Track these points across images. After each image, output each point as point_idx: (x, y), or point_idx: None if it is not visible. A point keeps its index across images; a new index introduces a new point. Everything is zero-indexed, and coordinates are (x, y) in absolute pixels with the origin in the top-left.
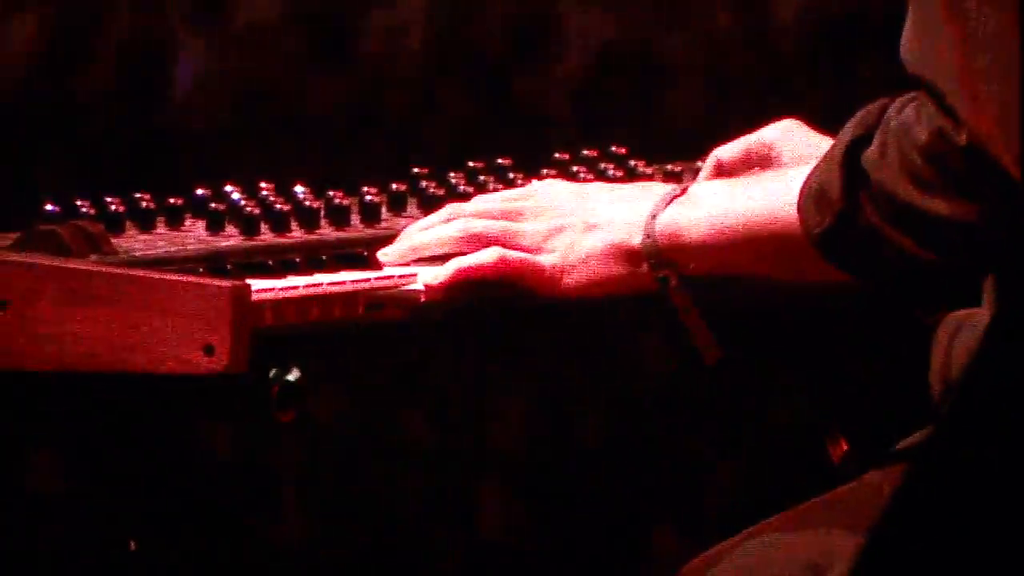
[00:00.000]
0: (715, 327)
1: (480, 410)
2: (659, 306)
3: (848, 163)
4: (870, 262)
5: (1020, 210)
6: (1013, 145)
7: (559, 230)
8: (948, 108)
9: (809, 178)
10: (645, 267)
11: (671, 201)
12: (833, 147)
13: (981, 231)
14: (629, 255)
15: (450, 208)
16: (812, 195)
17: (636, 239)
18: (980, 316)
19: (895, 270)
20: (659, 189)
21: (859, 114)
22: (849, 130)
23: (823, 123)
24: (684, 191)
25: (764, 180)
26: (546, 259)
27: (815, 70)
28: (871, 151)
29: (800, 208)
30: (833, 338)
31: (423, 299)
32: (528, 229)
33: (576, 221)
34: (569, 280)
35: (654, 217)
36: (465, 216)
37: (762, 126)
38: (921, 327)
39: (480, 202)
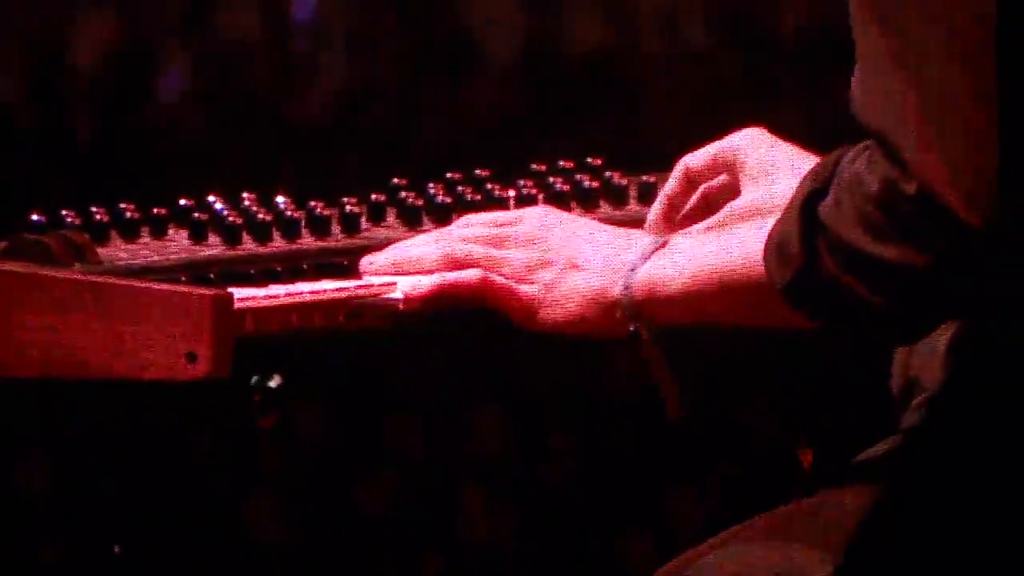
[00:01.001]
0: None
1: (460, 417)
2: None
3: (806, 215)
4: (834, 310)
5: (971, 253)
6: (962, 188)
7: (542, 264)
8: (897, 157)
9: (772, 232)
10: (620, 316)
11: (651, 254)
12: (792, 199)
13: (933, 276)
14: (606, 303)
15: (438, 232)
16: (774, 249)
17: (615, 289)
18: (937, 332)
19: (858, 317)
20: (646, 240)
21: (815, 166)
22: (807, 182)
23: (796, 134)
24: (664, 244)
25: (737, 233)
26: (526, 290)
27: (789, 82)
28: (827, 202)
29: (765, 262)
30: (801, 348)
31: (402, 307)
32: (512, 258)
33: (560, 258)
34: (544, 315)
35: (633, 270)
36: (452, 239)
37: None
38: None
39: (468, 226)
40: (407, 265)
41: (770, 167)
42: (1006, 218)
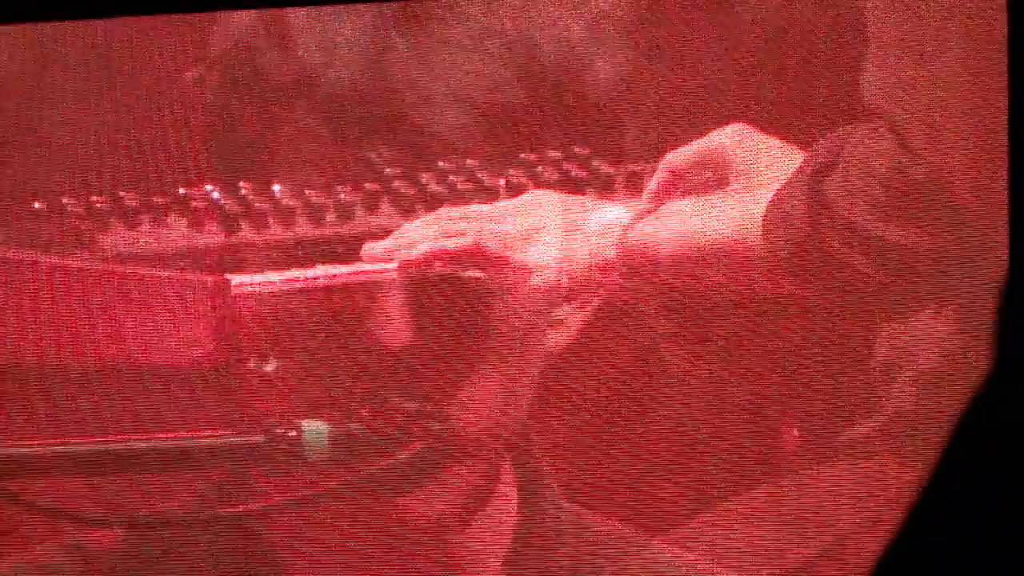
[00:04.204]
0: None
1: (454, 394)
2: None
3: (812, 189)
4: (830, 283)
5: (972, 238)
6: (971, 177)
7: (535, 231)
8: (906, 142)
9: (774, 201)
10: (616, 277)
11: (644, 216)
12: (798, 172)
13: (934, 259)
14: (601, 265)
15: (435, 214)
16: (777, 218)
17: (609, 251)
18: (920, 316)
19: (856, 291)
20: (638, 206)
21: (824, 141)
22: (814, 157)
23: (780, 125)
24: (657, 207)
25: (733, 200)
26: (519, 258)
27: (774, 74)
28: (833, 179)
29: (766, 231)
30: (782, 328)
31: (398, 274)
32: (506, 229)
33: (552, 225)
34: (537, 281)
35: (626, 231)
36: (448, 218)
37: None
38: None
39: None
40: (409, 243)
41: (756, 163)
42: (1013, 208)
